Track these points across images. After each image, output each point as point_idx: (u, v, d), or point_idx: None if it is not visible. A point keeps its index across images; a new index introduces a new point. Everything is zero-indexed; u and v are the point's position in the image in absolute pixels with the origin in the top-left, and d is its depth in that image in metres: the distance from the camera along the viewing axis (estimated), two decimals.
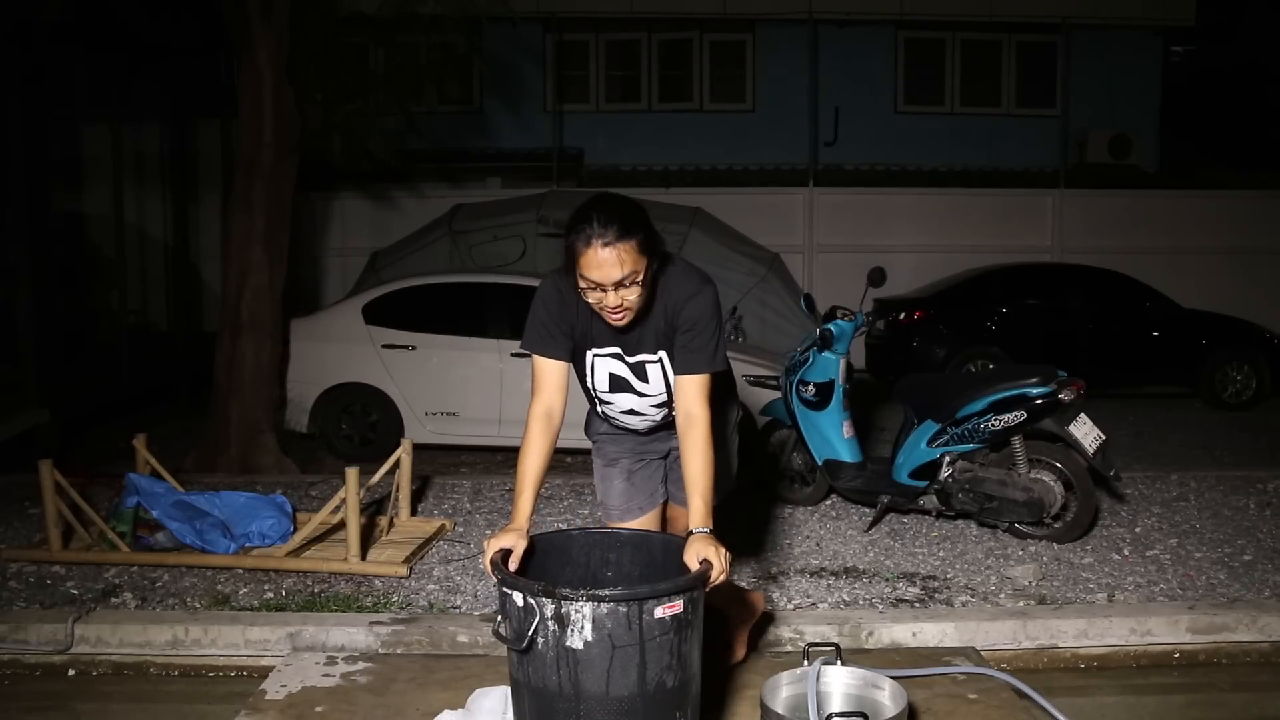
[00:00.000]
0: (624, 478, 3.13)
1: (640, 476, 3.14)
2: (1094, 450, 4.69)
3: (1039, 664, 3.78)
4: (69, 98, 8.38)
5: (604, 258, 2.50)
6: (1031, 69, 14.06)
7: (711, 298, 2.74)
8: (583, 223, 2.52)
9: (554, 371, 2.79)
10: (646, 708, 2.34)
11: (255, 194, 6.61)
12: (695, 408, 2.68)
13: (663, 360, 2.81)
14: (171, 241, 9.99)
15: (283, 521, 4.61)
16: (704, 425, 2.66)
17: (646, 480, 3.15)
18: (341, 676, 3.43)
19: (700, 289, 2.73)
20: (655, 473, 3.17)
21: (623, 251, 2.51)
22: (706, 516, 2.57)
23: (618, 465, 3.14)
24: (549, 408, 2.77)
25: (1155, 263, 11.17)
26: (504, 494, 5.72)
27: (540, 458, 2.73)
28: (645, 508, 3.13)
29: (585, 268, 2.53)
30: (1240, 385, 9.56)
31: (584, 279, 2.55)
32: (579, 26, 13.76)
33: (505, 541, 2.53)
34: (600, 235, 2.50)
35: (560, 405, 2.80)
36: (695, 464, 2.63)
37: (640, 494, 3.14)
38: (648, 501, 3.14)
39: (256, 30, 6.43)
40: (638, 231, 2.54)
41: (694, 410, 2.68)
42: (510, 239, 9.10)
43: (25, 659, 3.74)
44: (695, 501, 2.59)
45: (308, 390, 7.28)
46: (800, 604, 4.02)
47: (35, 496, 4.74)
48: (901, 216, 12.12)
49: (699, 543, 2.49)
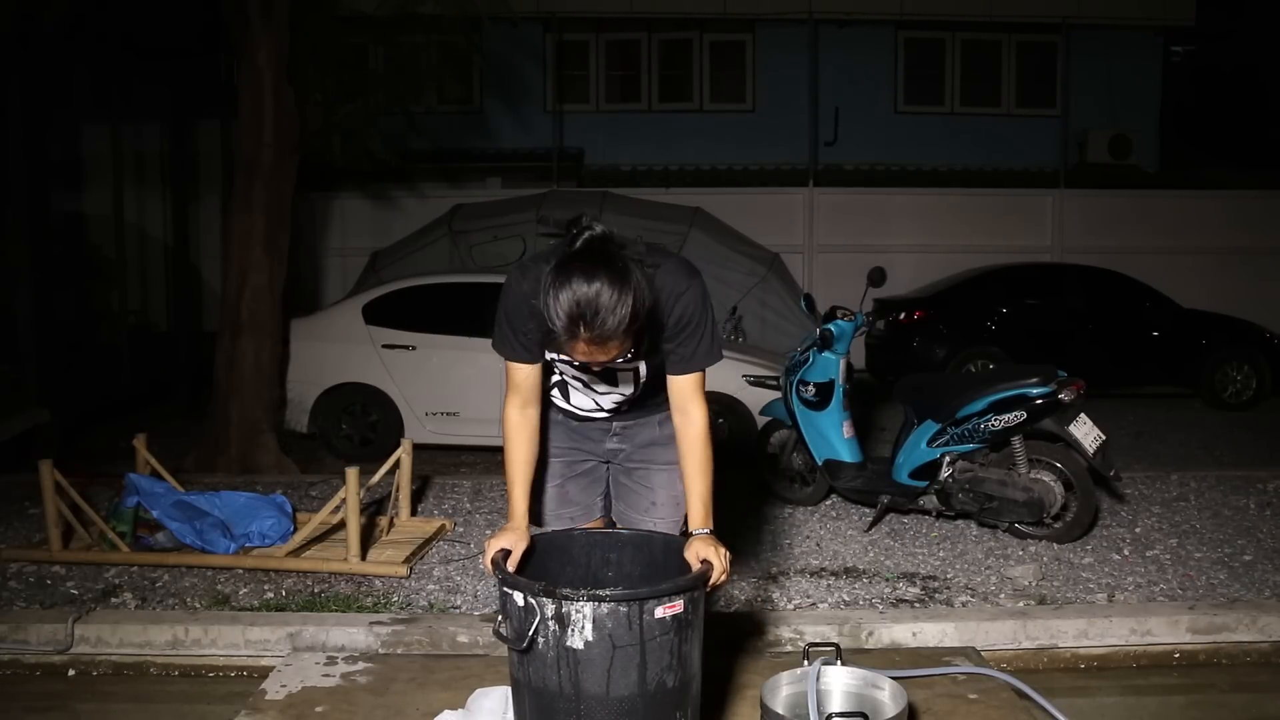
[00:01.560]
0: (555, 483, 2.86)
1: (574, 486, 2.88)
2: (1094, 450, 4.69)
3: (1039, 664, 3.78)
4: (69, 98, 8.38)
5: (593, 351, 2.23)
6: (1031, 69, 14.07)
7: (699, 291, 2.51)
8: (571, 321, 2.16)
9: (528, 374, 2.60)
10: (647, 708, 2.34)
11: (255, 194, 6.61)
12: (692, 406, 2.57)
13: (638, 367, 2.63)
14: (171, 241, 9.99)
15: (283, 521, 4.61)
16: (702, 424, 2.57)
17: (581, 491, 2.88)
18: (341, 676, 3.43)
19: (687, 285, 2.49)
20: (593, 484, 2.89)
21: (613, 345, 2.22)
22: (706, 517, 2.54)
23: (548, 467, 2.84)
24: (525, 402, 2.63)
25: (1155, 263, 11.17)
26: (503, 494, 5.69)
27: (526, 450, 2.66)
28: (577, 519, 2.88)
29: (569, 350, 2.27)
30: (1240, 385, 9.55)
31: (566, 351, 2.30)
32: (579, 26, 13.76)
33: (505, 541, 2.51)
34: (589, 338, 2.18)
35: (537, 400, 2.66)
36: (693, 464, 2.57)
37: (572, 505, 2.89)
38: (580, 514, 2.89)
39: (256, 30, 6.43)
40: (631, 327, 2.20)
41: (691, 409, 2.57)
42: (510, 239, 9.10)
43: (25, 659, 3.74)
44: (694, 503, 2.56)
45: (308, 390, 7.27)
46: (800, 604, 4.02)
47: (35, 496, 4.74)
48: (901, 216, 12.12)
49: (699, 543, 2.48)
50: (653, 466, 2.84)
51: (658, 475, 2.84)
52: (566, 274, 2.17)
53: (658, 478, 2.84)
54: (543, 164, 12.84)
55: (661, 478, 2.83)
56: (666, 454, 2.76)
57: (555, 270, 2.20)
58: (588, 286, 2.15)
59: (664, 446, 2.79)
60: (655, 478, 2.85)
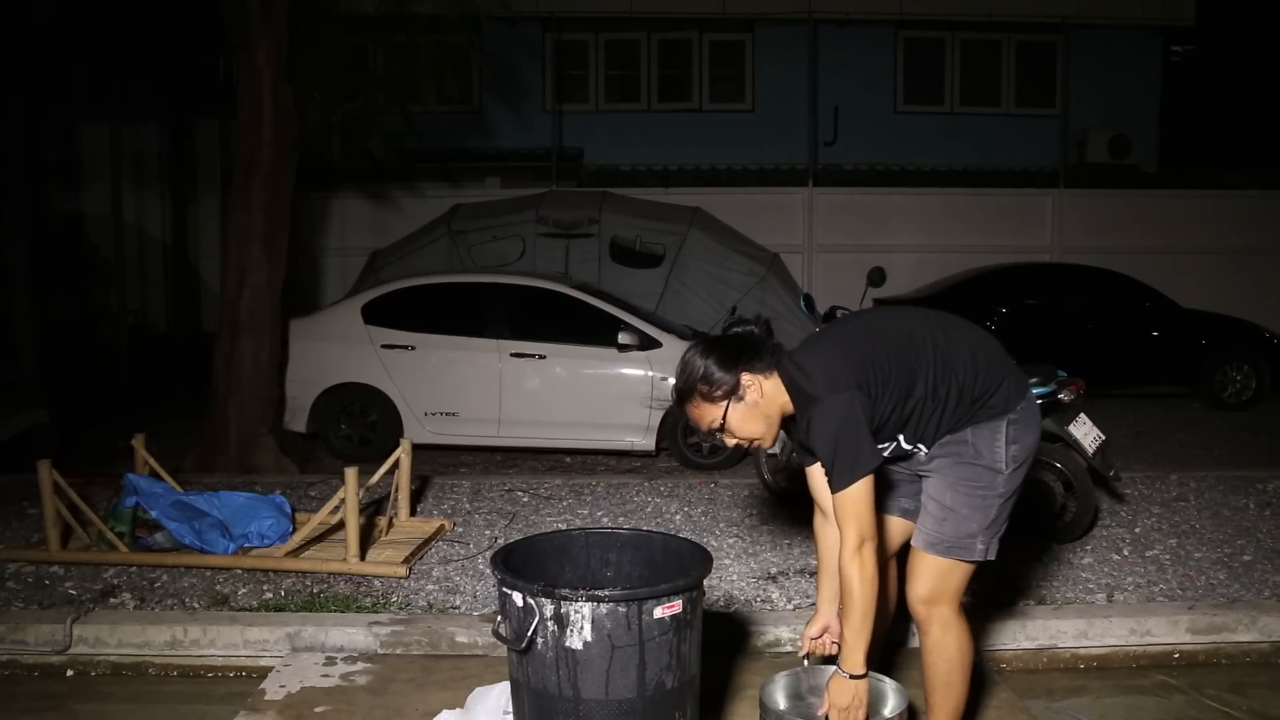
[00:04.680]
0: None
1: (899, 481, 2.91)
2: (1094, 450, 4.69)
3: (1039, 664, 3.77)
4: (68, 97, 8.38)
5: (688, 412, 2.63)
6: (1031, 69, 14.07)
7: (825, 412, 2.48)
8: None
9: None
10: (646, 708, 2.34)
11: (254, 193, 6.61)
12: (839, 531, 2.52)
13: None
14: (170, 241, 10.00)
15: (282, 522, 4.60)
16: (844, 555, 2.47)
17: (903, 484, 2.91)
18: (340, 677, 3.42)
19: (815, 401, 2.52)
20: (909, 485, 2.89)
21: (693, 408, 2.60)
22: (848, 653, 2.49)
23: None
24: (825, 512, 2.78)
25: (1155, 263, 11.18)
26: (503, 494, 5.71)
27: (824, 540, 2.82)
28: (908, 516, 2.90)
29: None
30: (1240, 385, 9.55)
31: None
32: (578, 26, 13.76)
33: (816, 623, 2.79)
34: (677, 396, 2.64)
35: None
36: (844, 594, 2.51)
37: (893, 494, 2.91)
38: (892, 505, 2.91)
39: (255, 30, 6.43)
40: (695, 387, 2.56)
41: (838, 533, 2.53)
42: (510, 239, 9.09)
43: (23, 659, 3.73)
44: (844, 634, 2.53)
45: (307, 390, 7.27)
46: (800, 604, 4.01)
47: (34, 496, 4.73)
48: (901, 216, 12.12)
49: (831, 681, 2.53)
50: (935, 474, 2.72)
51: (930, 482, 2.73)
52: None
53: (929, 484, 2.73)
54: (542, 164, 12.84)
55: (932, 484, 2.71)
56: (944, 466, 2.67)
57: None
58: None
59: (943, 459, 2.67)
60: (929, 484, 2.73)
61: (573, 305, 7.25)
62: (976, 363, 2.62)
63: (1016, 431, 2.62)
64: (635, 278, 8.86)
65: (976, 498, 2.61)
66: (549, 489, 5.80)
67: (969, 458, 2.62)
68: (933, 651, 2.68)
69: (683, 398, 2.60)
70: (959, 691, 2.70)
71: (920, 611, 2.68)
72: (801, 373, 2.55)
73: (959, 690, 2.70)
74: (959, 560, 2.63)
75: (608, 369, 7.12)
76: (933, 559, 2.65)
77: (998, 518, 2.64)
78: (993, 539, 2.64)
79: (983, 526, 2.62)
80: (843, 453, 2.45)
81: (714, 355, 2.56)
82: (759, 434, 2.59)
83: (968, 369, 2.60)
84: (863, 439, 2.46)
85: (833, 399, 2.47)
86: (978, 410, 2.61)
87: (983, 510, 2.61)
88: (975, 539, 2.62)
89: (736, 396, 2.55)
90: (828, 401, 2.48)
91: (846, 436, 2.45)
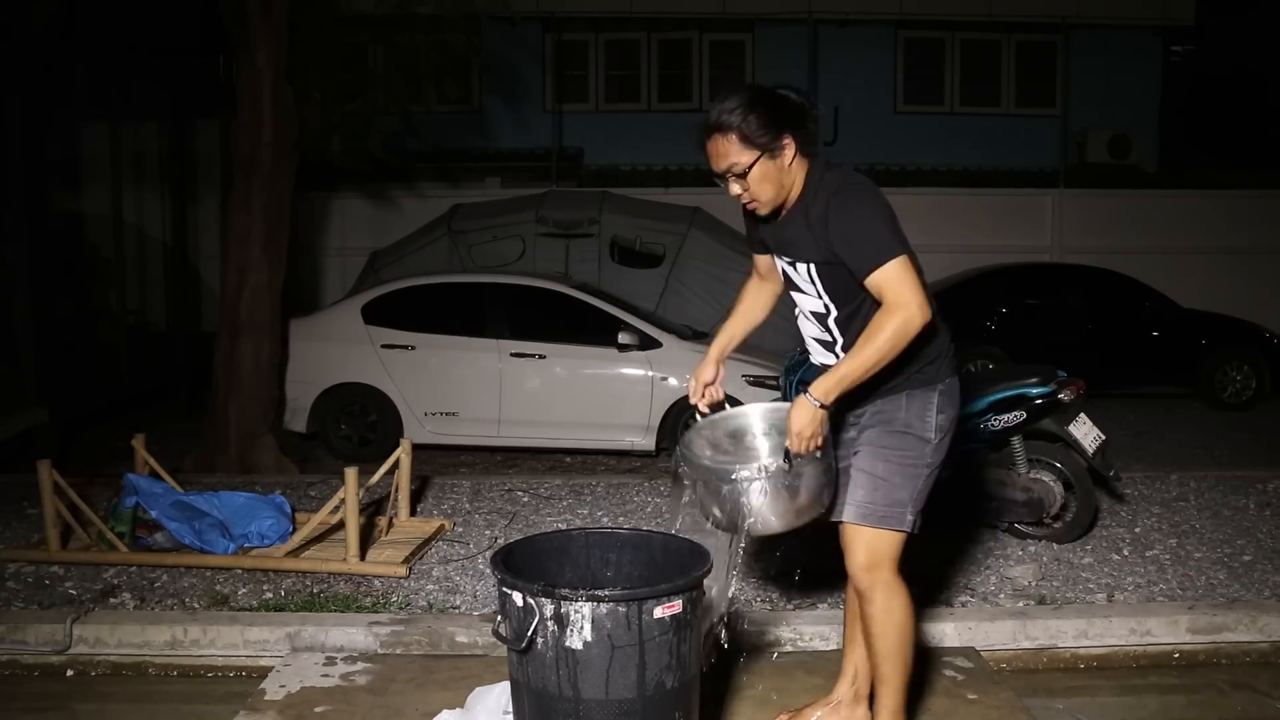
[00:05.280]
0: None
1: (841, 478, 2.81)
2: (1094, 450, 4.69)
3: (1039, 664, 3.77)
4: (68, 97, 8.39)
5: (708, 146, 2.54)
6: (1031, 69, 14.07)
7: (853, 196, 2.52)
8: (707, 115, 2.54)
9: (761, 259, 2.90)
10: (646, 708, 2.34)
11: (254, 193, 6.61)
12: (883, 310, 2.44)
13: (811, 269, 2.65)
14: (170, 241, 10.00)
15: (282, 522, 4.60)
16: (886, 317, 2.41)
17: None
18: (341, 677, 3.42)
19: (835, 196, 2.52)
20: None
21: (721, 142, 2.51)
22: (826, 384, 2.45)
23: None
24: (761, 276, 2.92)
25: (1155, 263, 11.18)
26: (503, 494, 5.71)
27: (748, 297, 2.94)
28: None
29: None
30: (1240, 385, 9.55)
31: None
32: (578, 26, 13.76)
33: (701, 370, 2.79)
34: (704, 131, 2.55)
35: (774, 281, 2.88)
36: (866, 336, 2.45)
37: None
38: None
39: (256, 30, 6.43)
40: (735, 123, 2.49)
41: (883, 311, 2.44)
42: (510, 239, 9.10)
43: (23, 659, 3.73)
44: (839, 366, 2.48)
45: (307, 390, 7.27)
46: (800, 604, 4.01)
47: (34, 496, 4.73)
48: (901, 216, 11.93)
49: (795, 406, 2.48)
50: (863, 447, 2.70)
51: (859, 457, 2.71)
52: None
53: (858, 460, 2.71)
54: (542, 164, 12.84)
55: (861, 459, 2.69)
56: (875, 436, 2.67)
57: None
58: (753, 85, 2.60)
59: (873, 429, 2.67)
60: (857, 460, 2.71)
61: (573, 305, 7.25)
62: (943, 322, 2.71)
63: (943, 402, 2.67)
64: (635, 278, 8.87)
65: (908, 466, 2.64)
66: (549, 489, 5.80)
67: (899, 426, 2.65)
68: (879, 619, 2.68)
69: (718, 128, 2.51)
70: (907, 659, 2.71)
71: (864, 580, 2.69)
72: (833, 168, 2.61)
73: (907, 658, 2.71)
74: (890, 530, 2.65)
75: (608, 369, 7.12)
76: (866, 530, 2.66)
77: (924, 489, 2.67)
78: (919, 512, 2.67)
79: (912, 495, 2.64)
80: (875, 228, 2.48)
81: (773, 107, 2.52)
82: (767, 198, 2.60)
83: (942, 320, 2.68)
84: (895, 225, 2.50)
85: (864, 188, 2.54)
86: (919, 370, 2.62)
87: (913, 480, 2.64)
88: (906, 509, 2.64)
89: (771, 152, 2.53)
90: (857, 188, 2.54)
91: (878, 215, 2.50)
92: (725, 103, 2.51)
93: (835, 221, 2.50)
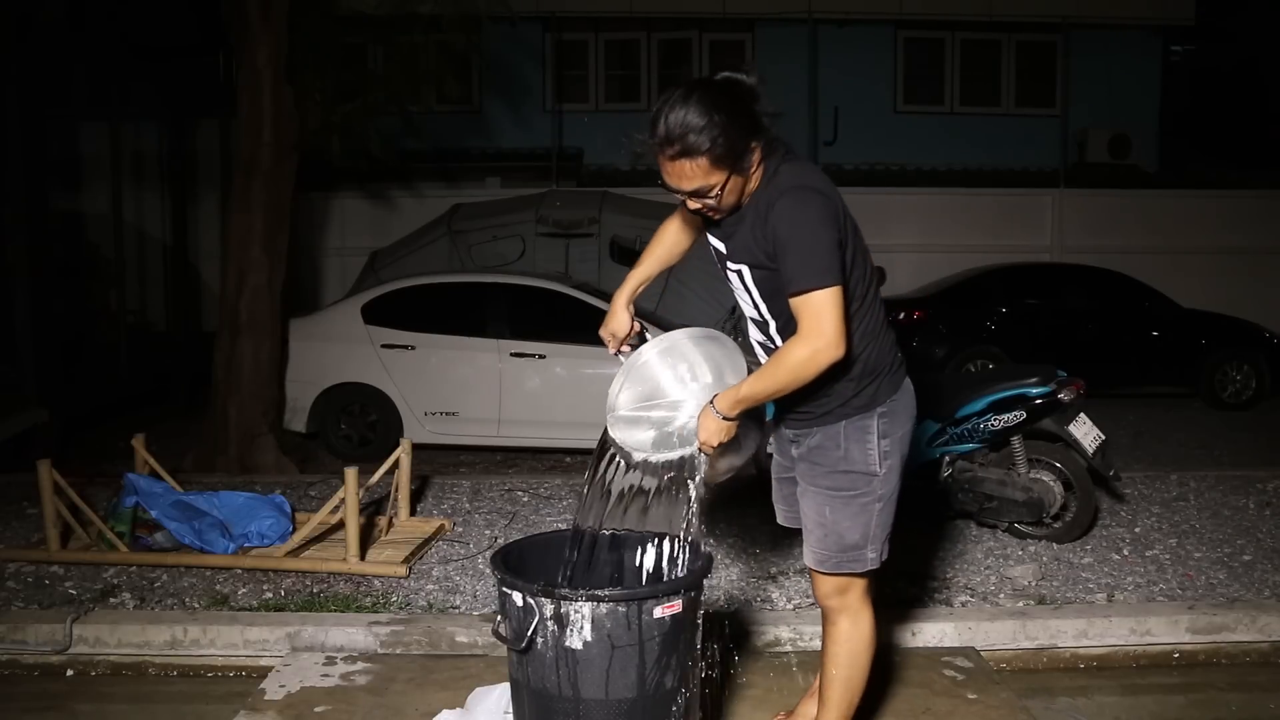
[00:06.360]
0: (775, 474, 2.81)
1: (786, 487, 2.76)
2: (1094, 450, 4.69)
3: (1039, 664, 3.77)
4: (68, 96, 8.38)
5: (668, 169, 2.26)
6: (1031, 69, 14.07)
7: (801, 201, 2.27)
8: (653, 119, 2.22)
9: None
10: (645, 708, 2.34)
11: (254, 193, 6.61)
12: (798, 336, 2.25)
13: (743, 271, 2.46)
14: (170, 241, 9.99)
15: (281, 521, 4.60)
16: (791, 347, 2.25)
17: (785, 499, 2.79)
18: (340, 677, 3.42)
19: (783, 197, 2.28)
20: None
21: (687, 165, 2.23)
22: (729, 397, 2.33)
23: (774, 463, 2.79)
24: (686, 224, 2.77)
25: (1155, 263, 11.18)
26: (503, 494, 5.71)
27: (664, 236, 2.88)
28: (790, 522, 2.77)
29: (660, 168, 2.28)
30: (1240, 385, 9.56)
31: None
32: (578, 26, 13.76)
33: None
34: (662, 147, 2.22)
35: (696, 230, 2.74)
36: (770, 364, 2.31)
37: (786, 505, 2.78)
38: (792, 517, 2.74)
39: (256, 30, 6.43)
40: (704, 147, 2.19)
41: (796, 337, 2.26)
42: (509, 239, 9.09)
43: (23, 659, 3.73)
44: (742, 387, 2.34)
45: (307, 390, 7.27)
46: (800, 604, 4.01)
47: (33, 496, 4.73)
48: (901, 216, 12.12)
49: (702, 413, 2.38)
50: (805, 484, 2.60)
51: (805, 499, 2.60)
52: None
53: (805, 501, 2.60)
54: (542, 164, 12.83)
55: (808, 502, 2.59)
56: (815, 476, 2.55)
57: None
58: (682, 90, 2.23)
59: (813, 465, 2.55)
60: (804, 501, 2.61)
61: (573, 305, 7.25)
62: (887, 335, 2.57)
63: (886, 425, 2.50)
64: None
65: (855, 507, 2.49)
66: (549, 489, 5.80)
67: (841, 464, 2.50)
68: (839, 643, 2.59)
69: (685, 154, 2.21)
70: (857, 688, 2.61)
71: (830, 604, 2.60)
72: (789, 160, 2.37)
73: (858, 686, 2.61)
74: (851, 574, 2.56)
75: (608, 369, 7.09)
76: (827, 576, 2.58)
77: (881, 522, 2.52)
78: (882, 544, 2.55)
79: (866, 536, 2.51)
80: (815, 248, 2.23)
81: (738, 119, 2.23)
82: (729, 205, 2.35)
83: (886, 331, 2.56)
84: (836, 248, 2.24)
85: (815, 193, 2.28)
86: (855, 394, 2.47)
87: (864, 519, 2.50)
88: (863, 550, 2.52)
89: (741, 170, 2.29)
90: (808, 192, 2.28)
91: (822, 234, 2.24)
92: (688, 118, 2.19)
93: (778, 224, 2.28)
